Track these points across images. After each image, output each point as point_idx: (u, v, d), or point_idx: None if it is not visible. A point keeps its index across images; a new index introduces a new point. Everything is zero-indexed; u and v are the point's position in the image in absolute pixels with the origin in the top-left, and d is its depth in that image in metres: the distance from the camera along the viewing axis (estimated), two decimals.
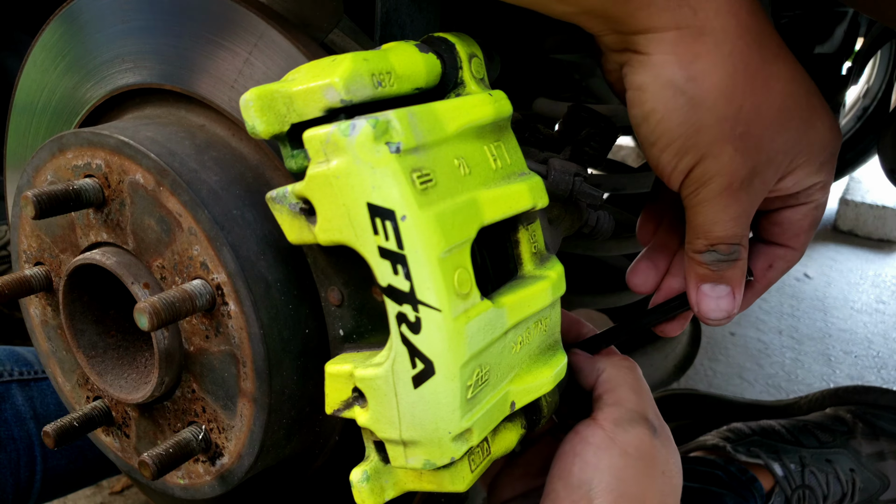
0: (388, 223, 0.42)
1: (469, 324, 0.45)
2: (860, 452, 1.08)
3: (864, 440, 1.09)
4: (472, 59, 0.52)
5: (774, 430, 1.12)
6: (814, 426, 1.12)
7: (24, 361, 0.88)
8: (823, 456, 1.08)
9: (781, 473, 1.05)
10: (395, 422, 0.44)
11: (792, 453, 1.07)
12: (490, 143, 0.51)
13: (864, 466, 1.07)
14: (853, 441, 1.09)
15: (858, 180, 2.68)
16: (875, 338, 1.86)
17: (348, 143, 0.42)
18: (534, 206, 0.52)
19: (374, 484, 0.47)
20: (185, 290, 0.49)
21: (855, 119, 2.34)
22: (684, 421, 1.27)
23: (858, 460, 1.08)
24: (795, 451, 1.08)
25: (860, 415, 1.12)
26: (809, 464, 1.06)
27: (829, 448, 1.08)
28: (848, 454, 1.08)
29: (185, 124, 0.56)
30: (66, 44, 0.62)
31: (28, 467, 0.83)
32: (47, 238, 0.59)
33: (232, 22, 0.54)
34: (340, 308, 0.49)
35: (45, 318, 0.62)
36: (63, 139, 0.55)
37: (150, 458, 0.51)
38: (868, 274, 2.24)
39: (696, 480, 1.02)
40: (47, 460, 0.85)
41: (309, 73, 0.45)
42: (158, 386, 0.54)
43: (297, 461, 0.61)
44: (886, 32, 1.54)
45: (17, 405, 0.83)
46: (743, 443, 1.09)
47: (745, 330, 1.84)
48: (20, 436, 0.82)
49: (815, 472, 1.06)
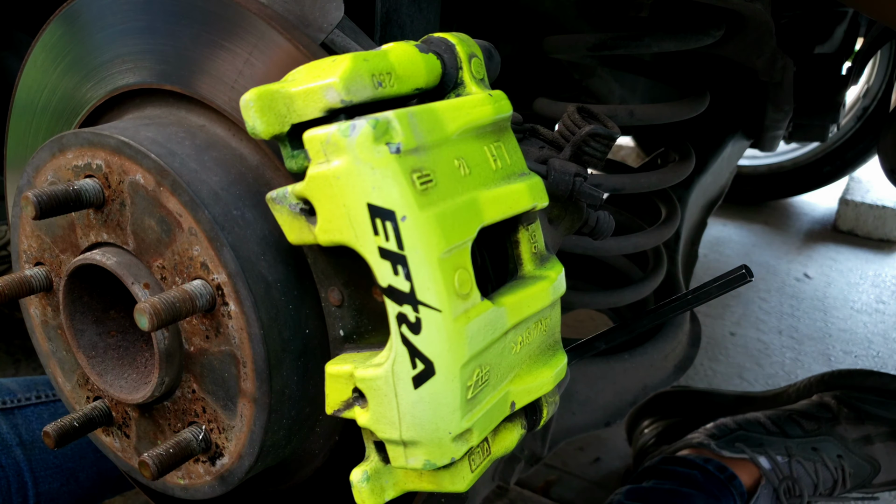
0: (388, 223, 0.42)
1: (469, 324, 0.45)
2: (846, 438, 1.08)
3: (849, 425, 1.09)
4: (472, 59, 0.52)
5: (759, 423, 1.11)
6: (798, 415, 1.12)
7: (6, 391, 0.88)
8: (809, 444, 1.07)
9: (768, 466, 1.05)
10: (395, 422, 0.44)
11: (777, 445, 1.07)
12: (490, 143, 0.51)
13: (852, 452, 1.07)
14: (839, 427, 1.09)
15: (858, 180, 2.68)
16: (875, 338, 1.86)
17: (348, 143, 0.42)
18: (534, 206, 0.52)
19: (374, 484, 0.47)
20: (185, 291, 0.49)
21: (855, 119, 2.34)
22: (675, 419, 1.27)
23: (845, 446, 1.07)
24: (781, 443, 1.07)
25: (844, 400, 1.12)
26: (796, 454, 1.06)
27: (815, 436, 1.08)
28: (834, 441, 1.08)
29: (185, 124, 0.56)
30: (67, 44, 0.62)
31: (20, 493, 0.83)
32: (47, 238, 0.59)
33: (232, 22, 0.54)
34: (341, 308, 0.49)
35: (45, 318, 0.62)
36: (63, 139, 0.55)
37: (151, 459, 0.51)
38: (868, 274, 2.24)
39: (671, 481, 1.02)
40: (39, 485, 0.85)
41: (309, 73, 0.45)
42: (158, 386, 0.54)
43: (296, 462, 0.61)
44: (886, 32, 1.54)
45: (3, 433, 0.84)
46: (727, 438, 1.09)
47: (745, 330, 1.85)
48: (8, 463, 0.83)
49: (801, 462, 1.05)
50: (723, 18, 0.95)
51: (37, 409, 0.89)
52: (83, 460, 0.91)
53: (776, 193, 2.67)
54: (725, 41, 0.98)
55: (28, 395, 0.89)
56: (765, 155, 2.61)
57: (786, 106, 1.35)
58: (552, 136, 0.67)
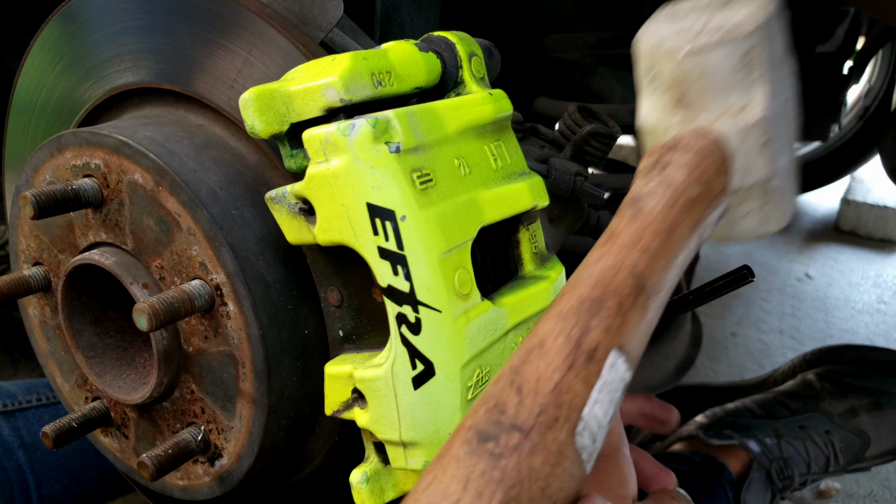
0: (387, 223, 0.42)
1: (469, 324, 0.44)
2: (832, 413, 1.08)
3: (833, 400, 1.09)
4: (472, 58, 0.51)
5: (746, 408, 1.11)
6: (784, 396, 1.12)
7: (6, 394, 0.88)
8: (796, 423, 1.07)
9: (758, 449, 1.05)
10: (395, 423, 0.44)
11: (765, 427, 1.07)
12: (490, 142, 0.50)
13: (839, 426, 1.07)
14: (823, 403, 1.09)
15: (860, 180, 2.67)
16: (876, 338, 1.85)
17: (348, 142, 0.42)
18: (534, 205, 0.52)
19: (373, 485, 0.47)
20: (183, 291, 0.49)
21: (856, 118, 2.34)
22: None
23: (832, 421, 1.07)
24: (769, 425, 1.07)
25: (825, 376, 1.12)
26: (784, 434, 1.06)
27: (801, 415, 1.08)
28: (820, 417, 1.08)
29: (184, 124, 0.56)
30: (65, 43, 0.62)
31: (23, 496, 0.83)
32: (46, 238, 0.59)
33: (231, 21, 0.54)
34: (340, 308, 0.48)
35: (43, 318, 0.62)
36: (62, 139, 0.55)
37: (150, 459, 0.51)
38: (869, 274, 2.23)
39: None
40: (41, 487, 0.85)
41: (308, 72, 0.45)
42: (157, 387, 0.54)
43: (295, 463, 0.61)
44: (888, 31, 1.54)
45: (4, 436, 0.84)
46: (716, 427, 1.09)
47: (747, 330, 1.84)
48: (10, 466, 0.83)
49: (791, 442, 1.05)
50: None
51: (38, 411, 0.89)
52: (85, 462, 0.90)
53: None
54: None
55: (28, 397, 0.89)
56: None
57: None
58: (553, 135, 0.66)
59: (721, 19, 0.47)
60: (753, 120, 0.47)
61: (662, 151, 0.48)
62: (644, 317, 0.39)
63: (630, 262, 0.40)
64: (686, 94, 0.49)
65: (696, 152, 0.46)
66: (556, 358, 0.35)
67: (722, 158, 0.47)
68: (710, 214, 0.46)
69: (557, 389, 0.34)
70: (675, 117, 0.50)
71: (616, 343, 0.37)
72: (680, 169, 0.45)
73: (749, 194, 0.50)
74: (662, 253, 0.42)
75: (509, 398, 0.34)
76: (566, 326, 0.37)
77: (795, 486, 1.07)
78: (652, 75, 0.50)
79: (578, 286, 0.39)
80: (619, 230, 0.43)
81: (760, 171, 0.49)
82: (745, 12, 0.48)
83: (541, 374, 0.35)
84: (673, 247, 0.42)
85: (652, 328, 0.40)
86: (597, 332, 0.37)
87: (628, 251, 0.41)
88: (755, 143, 0.48)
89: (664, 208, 0.43)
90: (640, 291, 0.39)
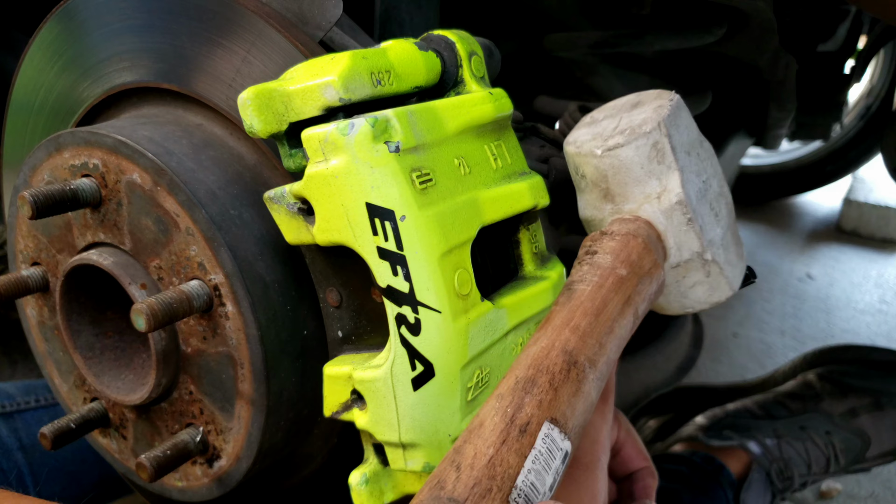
0: (387, 223, 0.41)
1: (469, 325, 0.44)
2: (832, 413, 1.07)
3: (833, 400, 1.09)
4: (472, 56, 0.51)
5: (747, 409, 1.11)
6: (784, 396, 1.12)
7: (5, 395, 0.88)
8: (796, 424, 1.07)
9: (758, 451, 1.04)
10: (394, 424, 0.44)
11: (765, 428, 1.07)
12: (490, 141, 0.50)
13: (839, 426, 1.07)
14: (823, 403, 1.09)
15: (862, 180, 2.67)
16: (878, 338, 1.85)
17: (347, 142, 0.41)
18: (535, 205, 0.51)
19: (373, 487, 0.46)
20: (182, 291, 0.49)
21: (858, 118, 2.34)
22: (667, 416, 1.27)
23: (832, 421, 1.07)
24: (769, 425, 1.07)
25: (826, 376, 1.12)
26: (784, 434, 1.06)
27: (801, 415, 1.08)
28: (820, 417, 1.07)
29: (182, 123, 0.55)
30: (63, 42, 0.62)
31: None
32: (44, 238, 0.58)
33: (230, 20, 0.53)
34: (339, 309, 0.48)
35: (41, 318, 0.62)
36: (60, 138, 0.54)
37: (148, 460, 0.50)
38: (871, 274, 2.23)
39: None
40: (40, 489, 0.85)
41: (307, 71, 0.45)
42: (156, 387, 0.53)
43: (294, 464, 0.60)
44: (889, 31, 1.54)
45: (3, 438, 0.84)
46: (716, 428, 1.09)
47: (748, 331, 1.84)
48: (9, 467, 0.82)
49: (791, 443, 1.05)
50: (725, 16, 0.95)
51: (36, 412, 0.89)
52: (84, 463, 0.90)
53: (779, 192, 2.67)
54: (728, 39, 0.98)
55: (27, 398, 0.89)
56: (768, 154, 2.60)
57: (788, 104, 1.34)
58: (553, 134, 0.66)
59: (627, 121, 0.54)
60: (672, 203, 0.52)
61: (593, 240, 0.52)
62: (579, 390, 0.42)
63: (561, 341, 0.43)
64: (610, 187, 0.54)
65: (621, 237, 0.51)
66: (491, 435, 0.38)
67: (646, 241, 0.51)
68: (643, 290, 0.50)
69: (491, 462, 0.36)
70: (605, 209, 0.56)
71: (549, 416, 0.39)
72: (607, 255, 0.50)
73: (689, 267, 0.55)
74: (592, 330, 0.45)
75: (449, 475, 0.37)
76: (502, 405, 0.40)
77: (795, 486, 1.06)
78: (580, 175, 0.56)
79: (516, 368, 0.42)
80: (553, 314, 0.46)
81: (692, 245, 0.53)
82: (647, 113, 0.54)
83: (477, 450, 0.37)
84: (603, 324, 0.46)
85: (592, 400, 0.43)
86: (529, 407, 0.39)
87: (560, 331, 0.44)
88: (680, 222, 0.53)
89: (593, 289, 0.47)
90: (571, 367, 0.42)
